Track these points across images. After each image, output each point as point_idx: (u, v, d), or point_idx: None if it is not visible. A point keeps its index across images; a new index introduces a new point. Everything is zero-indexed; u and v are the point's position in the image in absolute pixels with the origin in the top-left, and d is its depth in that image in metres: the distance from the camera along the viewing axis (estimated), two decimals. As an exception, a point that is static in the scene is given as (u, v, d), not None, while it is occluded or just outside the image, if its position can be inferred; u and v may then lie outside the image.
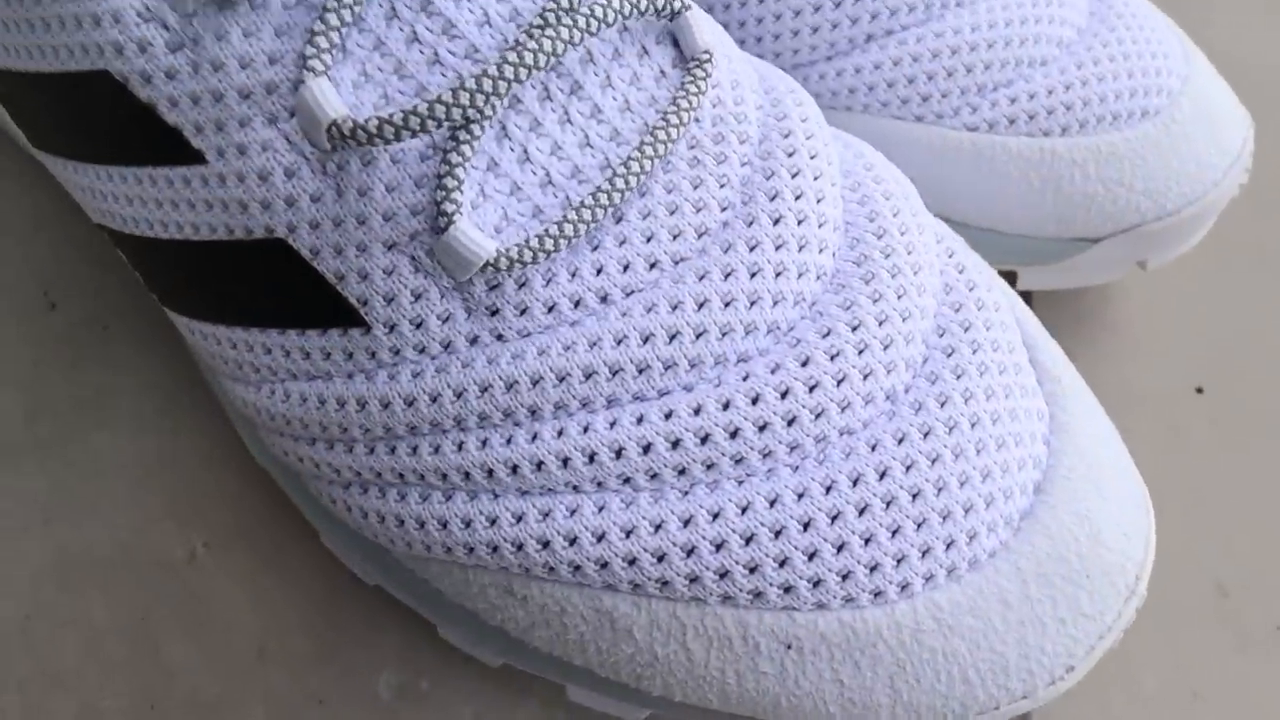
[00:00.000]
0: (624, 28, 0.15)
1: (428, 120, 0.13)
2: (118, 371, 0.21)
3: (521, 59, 0.13)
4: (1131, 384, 0.25)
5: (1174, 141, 0.20)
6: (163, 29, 0.13)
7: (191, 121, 0.13)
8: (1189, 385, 0.25)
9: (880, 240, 0.15)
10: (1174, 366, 0.25)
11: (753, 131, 0.15)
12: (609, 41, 0.15)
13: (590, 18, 0.14)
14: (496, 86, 0.13)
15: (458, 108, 0.13)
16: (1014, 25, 0.20)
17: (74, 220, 0.23)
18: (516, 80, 0.13)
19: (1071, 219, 0.21)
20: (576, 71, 0.14)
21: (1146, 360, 0.25)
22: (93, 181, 0.16)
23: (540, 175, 0.14)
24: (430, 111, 0.13)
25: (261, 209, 0.14)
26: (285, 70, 0.13)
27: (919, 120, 0.20)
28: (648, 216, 0.14)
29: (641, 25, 0.15)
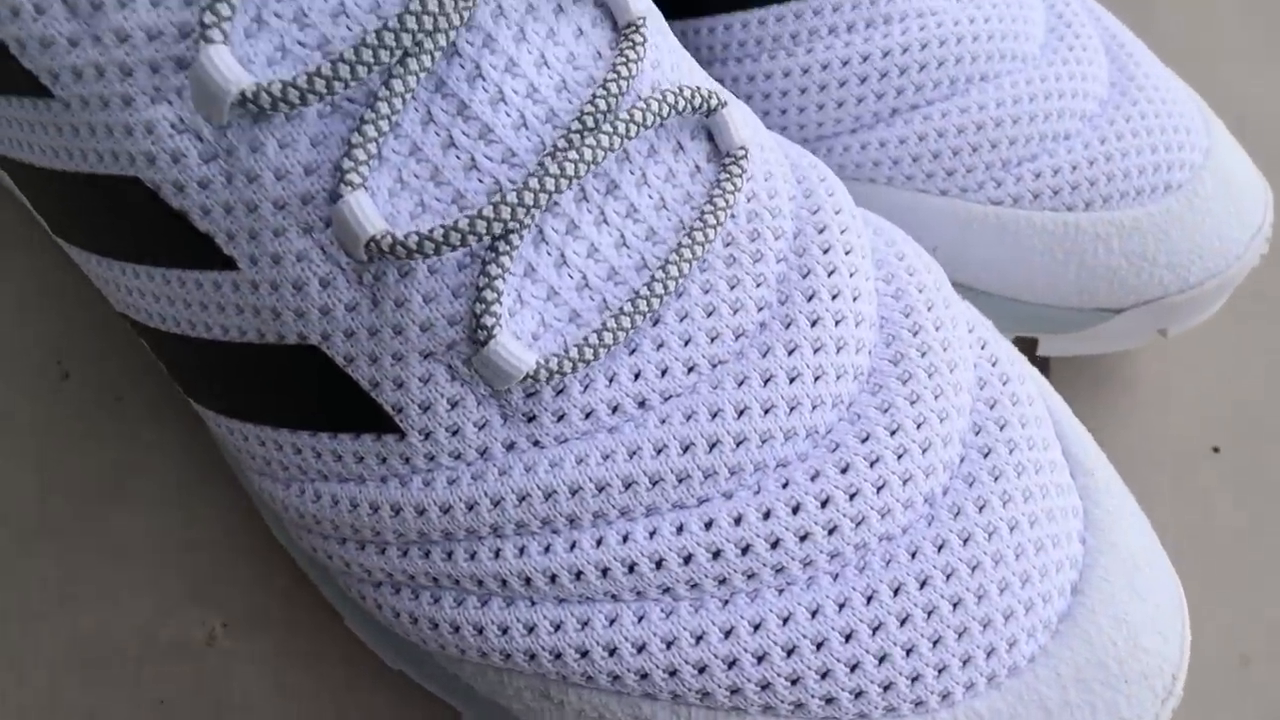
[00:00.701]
0: (660, 124, 0.15)
1: (468, 235, 0.13)
2: (133, 446, 0.21)
3: (563, 169, 0.13)
4: (1149, 443, 0.25)
5: (1197, 216, 0.20)
6: (197, 140, 0.13)
7: (224, 230, 0.13)
8: (1206, 444, 0.25)
9: (916, 337, 0.15)
10: (1190, 425, 0.25)
11: (788, 226, 0.15)
12: (645, 139, 0.15)
13: (630, 122, 0.14)
14: (537, 199, 0.13)
15: (498, 221, 0.13)
16: (1038, 100, 0.20)
17: (87, 287, 0.22)
18: (557, 191, 0.13)
19: (1094, 291, 0.21)
20: (613, 171, 0.14)
21: (1163, 419, 0.25)
22: (117, 276, 0.15)
23: (577, 279, 0.14)
24: (471, 226, 0.13)
25: (295, 317, 0.13)
26: (321, 181, 0.13)
27: (943, 194, 0.20)
28: (685, 319, 0.14)
29: (677, 120, 0.15)
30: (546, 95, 0.14)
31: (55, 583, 0.20)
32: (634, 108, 0.14)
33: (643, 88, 0.14)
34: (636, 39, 0.14)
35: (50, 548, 0.20)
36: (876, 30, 0.19)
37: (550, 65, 0.14)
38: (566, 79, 0.14)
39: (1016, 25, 0.20)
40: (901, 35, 0.19)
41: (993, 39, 0.20)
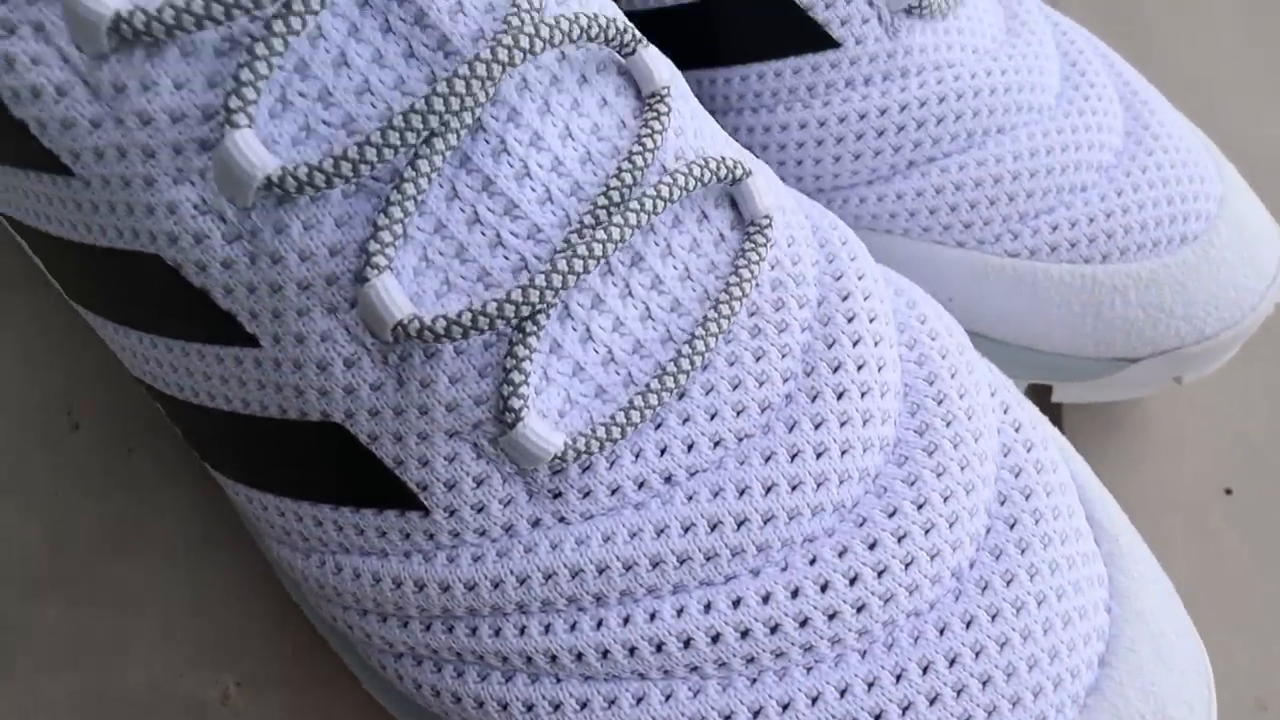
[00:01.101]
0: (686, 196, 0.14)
1: (496, 319, 0.12)
2: (143, 498, 0.21)
3: (590, 250, 0.13)
4: (1162, 486, 0.25)
5: (1212, 267, 0.20)
6: (220, 221, 0.13)
7: (247, 309, 0.13)
8: (1218, 486, 0.25)
9: (940, 406, 0.15)
10: (1202, 468, 0.25)
11: (811, 294, 0.15)
12: (670, 209, 0.14)
13: (656, 198, 0.14)
14: (565, 280, 0.13)
15: (527, 305, 0.13)
16: (1054, 152, 0.20)
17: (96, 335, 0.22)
18: (584, 271, 0.13)
19: (1111, 341, 0.20)
20: (637, 242, 0.14)
21: (1175, 462, 0.25)
22: (134, 344, 0.15)
23: (602, 353, 0.14)
24: (499, 311, 0.12)
25: (318, 396, 0.13)
26: (346, 262, 0.13)
27: (960, 246, 0.20)
28: (710, 392, 0.14)
29: (701, 190, 0.15)
30: (571, 168, 0.14)
31: (65, 637, 0.20)
32: (661, 182, 0.14)
33: (667, 157, 0.14)
34: (661, 109, 0.14)
35: (60, 601, 0.20)
36: (894, 84, 0.19)
37: (574, 137, 0.14)
38: (591, 150, 0.14)
39: (1033, 76, 0.20)
40: (919, 89, 0.19)
41: (1009, 91, 0.20)
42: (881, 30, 0.19)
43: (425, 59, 0.13)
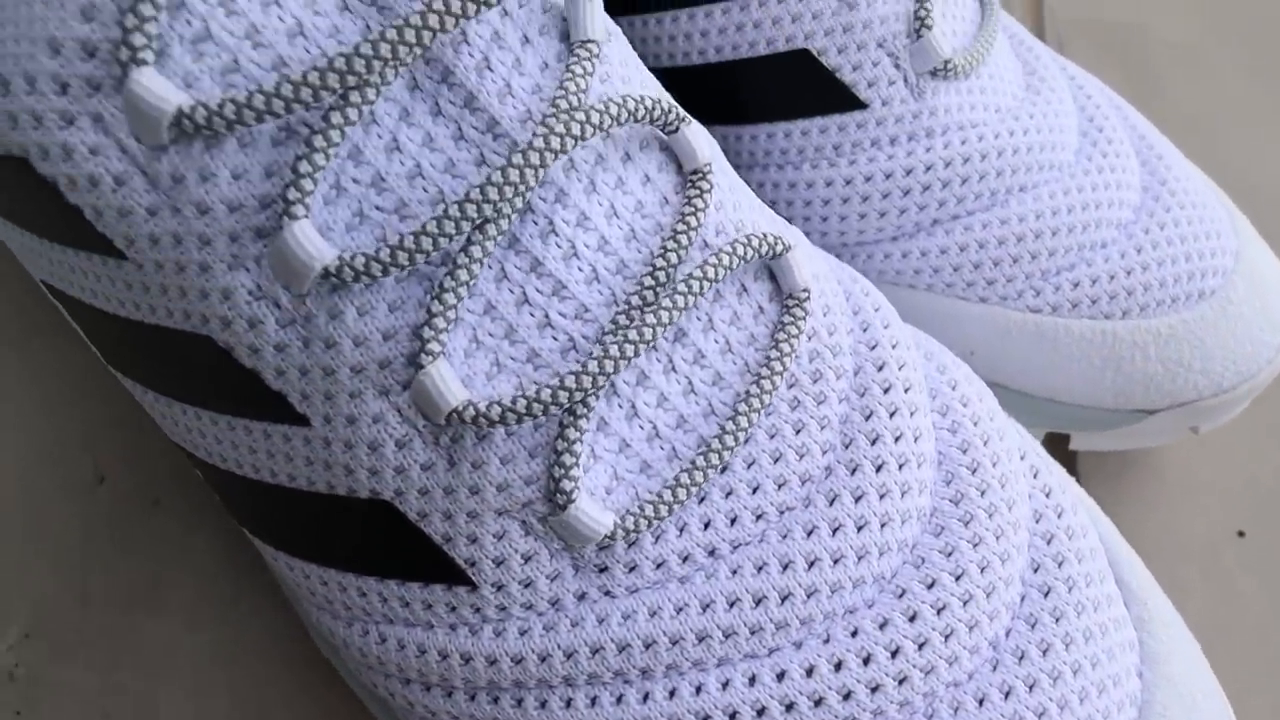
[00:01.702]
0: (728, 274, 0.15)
1: (550, 406, 0.13)
2: (171, 553, 0.21)
3: (641, 335, 0.13)
4: (1175, 529, 0.25)
5: (1229, 323, 0.20)
6: (274, 307, 0.13)
7: (298, 390, 0.13)
8: (1231, 529, 0.25)
9: (974, 475, 0.15)
10: (1215, 510, 0.25)
11: (848, 364, 0.15)
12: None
13: (703, 279, 0.14)
14: (616, 365, 0.13)
15: (579, 391, 0.13)
16: (1075, 210, 0.20)
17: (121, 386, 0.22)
18: (635, 355, 0.13)
19: (1130, 394, 0.21)
20: (680, 318, 0.14)
21: (1189, 505, 0.25)
22: (176, 414, 0.15)
23: (648, 429, 0.14)
24: (553, 397, 0.13)
25: (369, 475, 0.13)
26: (399, 346, 0.13)
27: (983, 301, 0.20)
28: (752, 465, 0.14)
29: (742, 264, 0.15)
30: (616, 246, 0.14)
31: (93, 694, 0.20)
32: (706, 262, 0.14)
33: (709, 233, 0.15)
34: (703, 185, 0.15)
35: (87, 658, 0.20)
36: (919, 144, 0.20)
37: (619, 215, 0.14)
38: (635, 228, 0.14)
39: (1053, 135, 0.21)
40: (944, 149, 0.20)
41: (1031, 151, 0.20)
42: (907, 91, 0.19)
43: (474, 141, 0.13)
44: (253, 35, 0.12)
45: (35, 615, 0.20)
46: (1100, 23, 0.36)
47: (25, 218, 0.14)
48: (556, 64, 0.14)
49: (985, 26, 0.21)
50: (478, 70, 0.13)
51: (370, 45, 0.12)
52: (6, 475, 0.22)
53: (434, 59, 0.13)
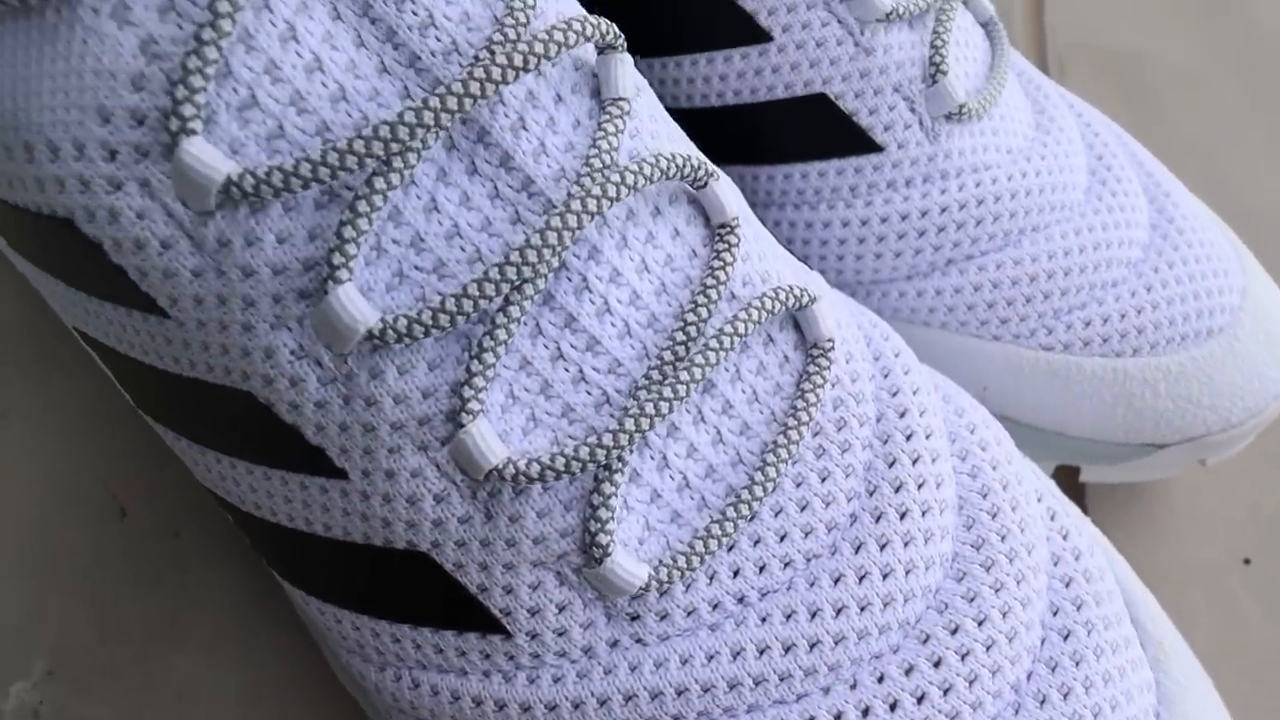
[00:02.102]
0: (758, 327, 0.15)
1: (588, 463, 0.13)
2: (192, 585, 0.21)
3: (675, 392, 0.13)
4: (1182, 557, 0.25)
5: (1237, 359, 0.21)
6: (316, 365, 0.13)
7: (337, 445, 0.13)
8: (1237, 557, 0.26)
9: (995, 520, 0.16)
10: (1221, 538, 0.26)
11: (870, 411, 0.16)
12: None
13: (733, 335, 0.14)
14: (652, 422, 0.13)
15: (616, 448, 0.13)
16: (1086, 250, 0.21)
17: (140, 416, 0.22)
18: (669, 412, 0.13)
19: (1140, 429, 0.21)
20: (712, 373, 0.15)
21: (1195, 533, 0.26)
22: (210, 462, 0.15)
23: (678, 480, 0.14)
24: (591, 455, 0.13)
25: (406, 527, 0.14)
26: (438, 403, 0.13)
27: (996, 339, 0.21)
28: (779, 514, 0.15)
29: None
30: (648, 300, 0.14)
31: (116, 729, 0.20)
32: (735, 318, 0.14)
33: (736, 285, 0.15)
34: (731, 239, 0.15)
35: (109, 692, 0.20)
36: (934, 185, 0.20)
37: (650, 269, 0.14)
38: (665, 282, 0.14)
39: (1063, 175, 0.21)
40: (959, 191, 0.20)
41: (1042, 191, 0.21)
42: (923, 135, 0.20)
43: (509, 199, 0.14)
44: (297, 101, 0.12)
45: (58, 651, 0.20)
46: (1100, 48, 0.37)
47: (64, 272, 0.14)
48: (588, 121, 0.14)
49: (996, 67, 0.21)
50: (513, 130, 0.14)
51: (414, 114, 0.12)
52: (26, 508, 0.22)
53: (470, 119, 0.13)
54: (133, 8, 0.12)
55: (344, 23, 0.13)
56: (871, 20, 0.19)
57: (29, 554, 0.22)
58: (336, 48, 0.13)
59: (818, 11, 0.19)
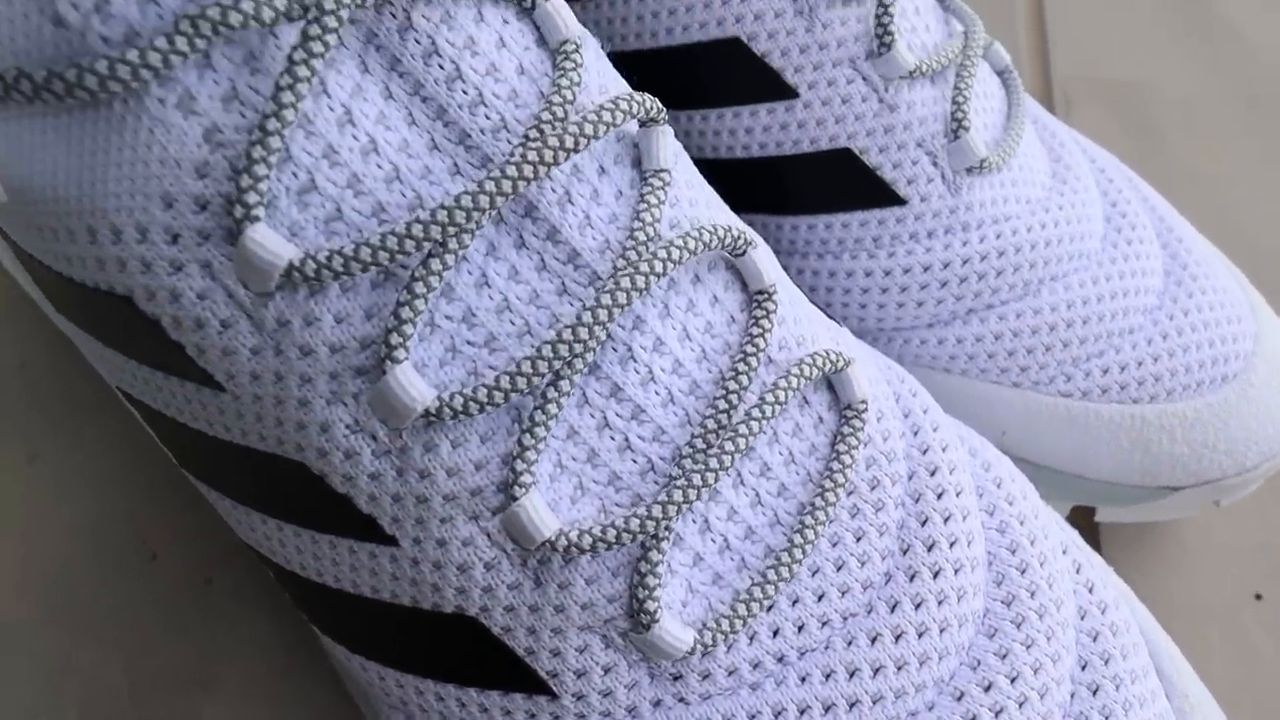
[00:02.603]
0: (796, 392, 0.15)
1: (638, 534, 0.13)
2: (223, 632, 0.21)
3: (721, 462, 0.14)
4: (1195, 592, 0.26)
5: (1250, 405, 0.21)
6: (370, 439, 0.13)
7: (389, 514, 0.14)
8: (1249, 592, 0.26)
9: (1024, 576, 0.16)
10: (1233, 574, 0.26)
11: (902, 469, 0.16)
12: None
13: (775, 404, 0.14)
14: (700, 493, 0.14)
15: (665, 520, 0.13)
16: (1104, 299, 0.21)
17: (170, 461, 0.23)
18: (715, 482, 0.14)
19: (1156, 473, 0.22)
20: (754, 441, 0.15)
21: (1208, 569, 0.26)
22: (255, 523, 0.16)
23: (719, 542, 0.15)
24: (641, 526, 0.13)
25: (456, 593, 0.14)
26: (490, 475, 0.13)
27: (1016, 386, 0.21)
28: (816, 574, 0.15)
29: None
30: (689, 368, 0.15)
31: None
32: (776, 386, 0.15)
33: (773, 349, 0.15)
34: (769, 306, 0.15)
35: (143, 740, 0.20)
36: (955, 237, 0.20)
37: (691, 337, 0.15)
38: (705, 348, 0.15)
39: (1081, 225, 0.21)
40: (979, 243, 0.20)
41: (1061, 242, 0.21)
42: (944, 188, 0.20)
43: (556, 272, 0.14)
44: (354, 184, 0.13)
45: (89, 698, 0.21)
46: (1103, 79, 0.38)
47: (116, 342, 0.14)
48: (630, 191, 0.15)
49: (1014, 117, 0.22)
50: (559, 204, 0.14)
51: (470, 198, 0.12)
52: (57, 556, 0.22)
53: (519, 195, 0.14)
54: (198, 98, 0.12)
55: (396, 102, 0.13)
56: (895, 78, 0.20)
57: (59, 600, 0.22)
58: (390, 128, 0.13)
59: (843, 69, 0.19)
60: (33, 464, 0.24)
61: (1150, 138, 0.36)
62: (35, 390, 0.25)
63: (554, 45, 0.14)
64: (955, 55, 0.21)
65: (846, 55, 0.19)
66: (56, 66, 0.11)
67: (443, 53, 0.13)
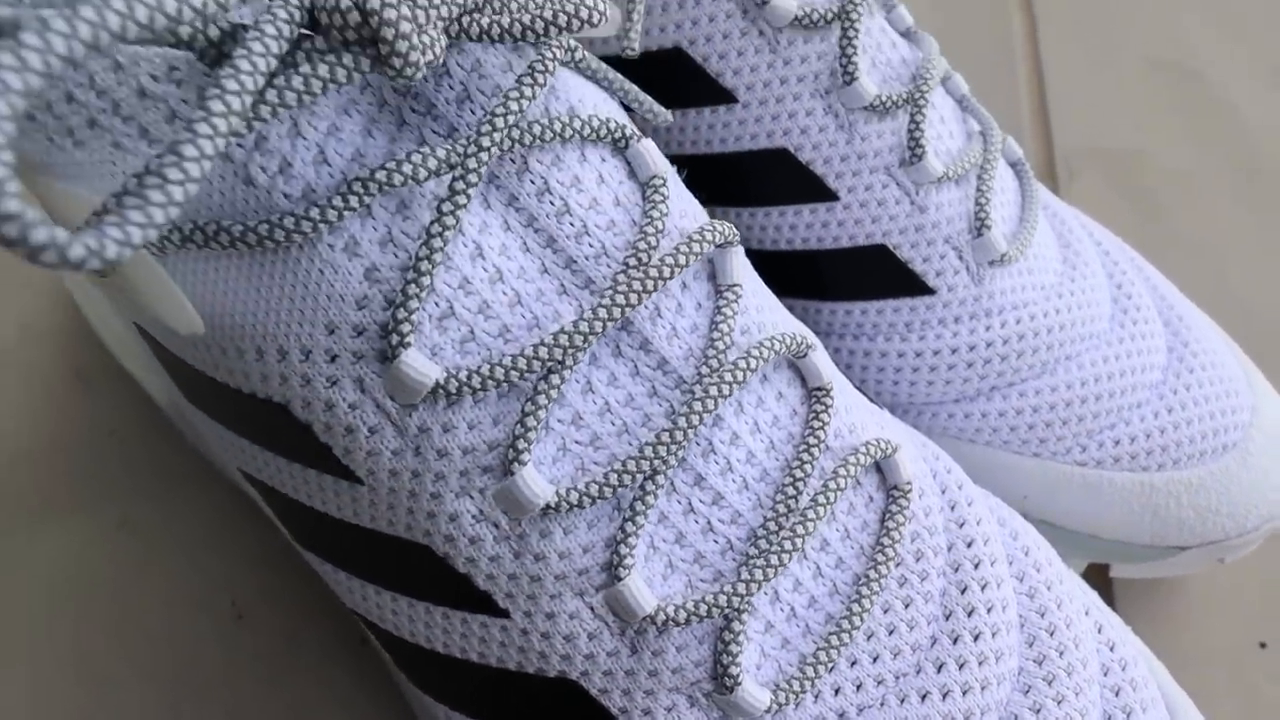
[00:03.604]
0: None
1: (726, 609, 0.15)
2: (310, 688, 0.23)
3: (793, 543, 0.16)
4: (1202, 642, 0.28)
5: (1250, 472, 0.23)
6: (493, 527, 0.15)
7: (504, 591, 0.16)
8: (1253, 640, 0.28)
9: (1053, 638, 0.18)
10: (1239, 624, 0.28)
11: (942, 542, 0.18)
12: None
13: (835, 490, 0.16)
14: (776, 571, 0.16)
15: (748, 596, 0.15)
16: (1114, 376, 0.23)
17: (257, 523, 0.24)
18: (789, 562, 0.16)
19: (1165, 534, 0.24)
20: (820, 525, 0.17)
21: (1216, 621, 0.28)
22: (369, 594, 0.18)
23: (786, 610, 0.17)
24: (728, 602, 0.15)
25: (560, 660, 0.16)
26: (595, 557, 0.15)
27: (1036, 456, 0.23)
28: (871, 638, 0.17)
29: (854, 461, 0.18)
30: (760, 458, 0.17)
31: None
32: (836, 473, 0.17)
33: (830, 439, 0.17)
34: (827, 401, 0.17)
35: (240, 788, 0.22)
36: (979, 323, 0.23)
37: (760, 430, 0.17)
38: (773, 439, 0.17)
39: (1091, 309, 0.24)
40: (1000, 328, 0.23)
41: (1074, 325, 0.23)
42: (969, 279, 0.23)
43: (648, 377, 0.16)
44: (484, 309, 0.15)
45: (189, 747, 0.22)
46: (1103, 151, 0.40)
47: (262, 438, 0.16)
48: (708, 303, 0.17)
49: (1028, 209, 0.24)
50: (650, 319, 0.16)
51: (586, 324, 0.15)
52: (151, 615, 0.24)
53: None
54: (360, 243, 0.14)
55: (513, 233, 0.15)
56: (926, 183, 0.22)
57: (153, 660, 0.24)
58: (510, 257, 0.15)
59: (879, 176, 0.22)
60: (123, 528, 0.25)
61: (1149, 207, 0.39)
62: (126, 457, 0.27)
63: (644, 179, 0.16)
64: (977, 159, 0.23)
65: (882, 164, 0.22)
66: (249, 221, 0.14)
67: (553, 190, 0.16)
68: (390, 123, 0.15)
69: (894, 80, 0.22)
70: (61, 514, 0.25)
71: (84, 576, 0.25)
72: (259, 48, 0.11)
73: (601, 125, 0.16)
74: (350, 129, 0.14)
